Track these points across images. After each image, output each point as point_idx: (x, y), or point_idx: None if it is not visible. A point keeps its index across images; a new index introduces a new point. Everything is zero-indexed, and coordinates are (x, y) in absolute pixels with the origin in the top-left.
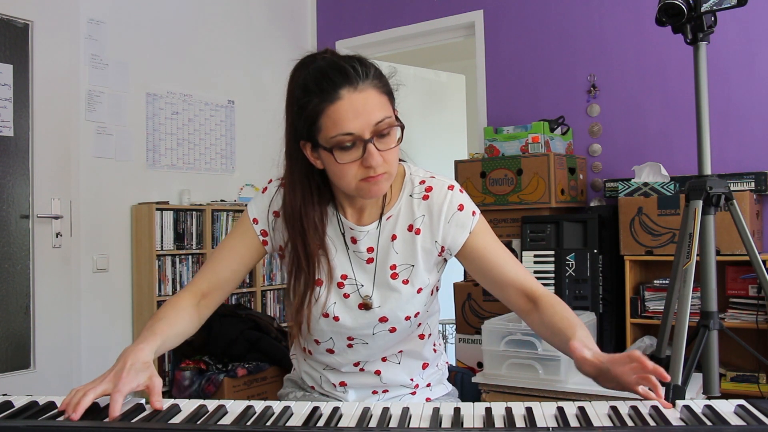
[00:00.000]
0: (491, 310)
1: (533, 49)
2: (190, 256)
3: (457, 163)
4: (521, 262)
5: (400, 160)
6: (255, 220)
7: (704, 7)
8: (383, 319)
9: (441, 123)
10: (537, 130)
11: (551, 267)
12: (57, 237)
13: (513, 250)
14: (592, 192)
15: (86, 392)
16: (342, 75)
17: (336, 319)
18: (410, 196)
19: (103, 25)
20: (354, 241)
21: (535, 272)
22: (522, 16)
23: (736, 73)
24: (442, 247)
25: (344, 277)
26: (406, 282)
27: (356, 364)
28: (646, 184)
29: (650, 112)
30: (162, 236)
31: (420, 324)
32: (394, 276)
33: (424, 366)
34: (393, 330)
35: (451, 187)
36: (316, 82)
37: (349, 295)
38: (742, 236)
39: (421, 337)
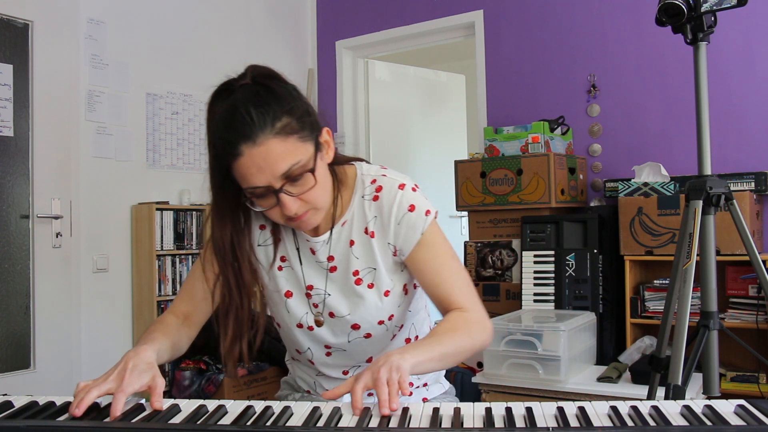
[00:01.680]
0: (491, 310)
1: (533, 49)
2: (190, 256)
3: (457, 163)
4: (521, 262)
5: (355, 160)
6: None
7: (704, 7)
8: (355, 327)
9: (441, 123)
10: (537, 130)
11: (551, 267)
12: (57, 237)
13: (513, 250)
14: (592, 192)
15: (90, 390)
16: (239, 129)
17: (310, 328)
18: (362, 197)
19: (103, 25)
20: (313, 252)
21: (535, 272)
22: (522, 16)
23: (736, 73)
24: (395, 248)
25: (310, 287)
26: (371, 286)
27: (345, 372)
28: (646, 184)
29: (650, 112)
30: (162, 236)
31: (402, 326)
32: (358, 282)
33: None
34: (368, 336)
35: (402, 186)
36: (220, 135)
37: (318, 305)
38: (742, 236)
39: (408, 341)
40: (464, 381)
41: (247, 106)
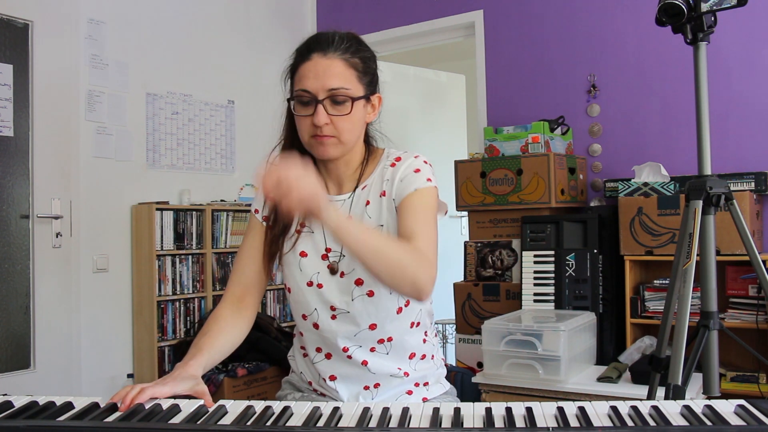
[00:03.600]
0: (491, 310)
1: (533, 49)
2: (190, 256)
3: (457, 163)
4: (521, 262)
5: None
6: (256, 210)
7: (704, 7)
8: (359, 282)
9: (441, 123)
10: (537, 130)
11: (551, 267)
12: (57, 237)
13: (513, 250)
14: (592, 192)
15: (134, 387)
16: (319, 41)
17: (320, 286)
18: (384, 168)
19: (103, 25)
20: None
21: (535, 272)
22: (522, 16)
23: (736, 73)
24: (395, 202)
25: (328, 249)
26: None
27: (345, 349)
28: (646, 184)
29: (650, 111)
30: (162, 236)
31: (409, 303)
32: None
33: (411, 356)
34: (371, 294)
35: (417, 156)
36: (302, 45)
37: (334, 264)
38: (742, 236)
39: (412, 325)
40: (464, 381)
41: (335, 32)
